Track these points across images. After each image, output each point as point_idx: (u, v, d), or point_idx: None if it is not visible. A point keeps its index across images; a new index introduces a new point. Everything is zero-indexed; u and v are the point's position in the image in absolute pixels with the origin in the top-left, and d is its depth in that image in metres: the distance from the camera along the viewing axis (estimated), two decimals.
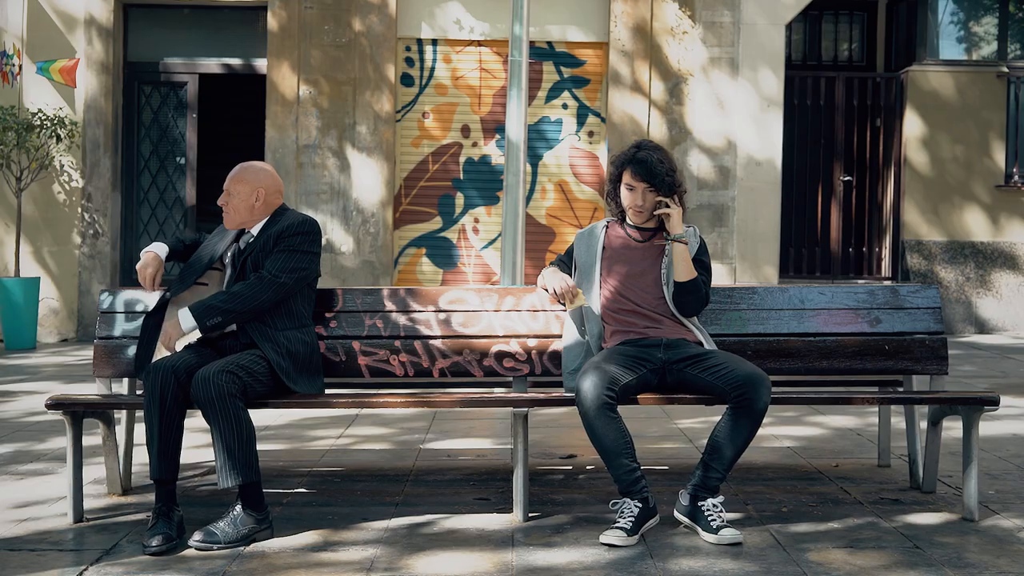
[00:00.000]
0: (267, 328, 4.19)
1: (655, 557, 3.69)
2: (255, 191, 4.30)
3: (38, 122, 10.17)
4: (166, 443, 3.94)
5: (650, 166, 4.27)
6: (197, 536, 3.78)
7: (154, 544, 3.75)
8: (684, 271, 4.26)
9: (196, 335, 4.22)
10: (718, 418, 4.08)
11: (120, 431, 4.60)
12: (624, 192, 4.36)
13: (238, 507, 3.88)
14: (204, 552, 3.74)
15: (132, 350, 4.51)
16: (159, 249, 4.38)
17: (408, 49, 11.12)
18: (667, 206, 4.28)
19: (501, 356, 4.54)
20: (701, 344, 4.28)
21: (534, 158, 11.06)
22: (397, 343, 4.54)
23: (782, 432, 5.98)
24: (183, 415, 4.00)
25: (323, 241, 10.71)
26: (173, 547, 3.78)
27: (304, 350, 4.27)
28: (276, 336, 4.19)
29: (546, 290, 4.52)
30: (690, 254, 4.29)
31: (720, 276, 10.81)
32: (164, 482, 3.95)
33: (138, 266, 4.36)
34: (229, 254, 4.36)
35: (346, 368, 4.52)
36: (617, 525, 3.87)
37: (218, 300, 4.14)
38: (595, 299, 4.37)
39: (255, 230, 4.33)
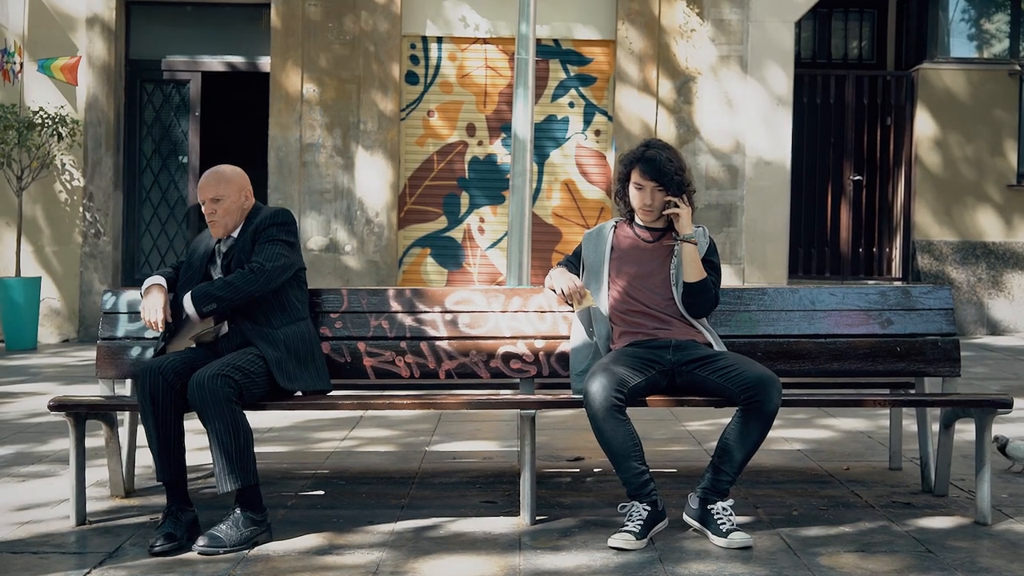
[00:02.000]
0: (262, 327, 4.19)
1: (664, 561, 3.69)
2: (242, 191, 4.31)
3: (39, 120, 10.19)
4: (166, 444, 3.95)
5: (659, 165, 4.27)
6: (201, 541, 3.79)
7: (157, 545, 3.76)
8: (693, 272, 4.26)
9: (192, 333, 4.24)
10: (727, 420, 4.08)
11: (123, 433, 4.61)
12: (633, 191, 4.36)
13: (238, 510, 3.88)
14: (210, 557, 3.73)
15: (135, 351, 4.52)
16: (160, 280, 4.26)
17: (413, 47, 11.13)
18: (676, 206, 4.28)
19: (508, 357, 4.54)
20: (710, 345, 4.28)
21: (540, 157, 11.06)
22: (403, 344, 4.55)
23: (792, 435, 5.97)
24: (180, 415, 4.00)
25: (326, 241, 10.75)
26: (178, 548, 3.79)
27: (303, 346, 4.26)
28: (274, 335, 4.18)
29: (553, 291, 4.52)
30: (699, 254, 4.29)
31: (728, 276, 10.80)
32: (171, 483, 3.97)
33: (148, 306, 4.17)
34: (218, 260, 4.31)
35: (351, 369, 4.53)
36: (625, 528, 3.87)
37: (214, 287, 4.14)
38: (603, 300, 4.37)
39: (236, 232, 4.32)
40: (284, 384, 4.14)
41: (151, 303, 4.18)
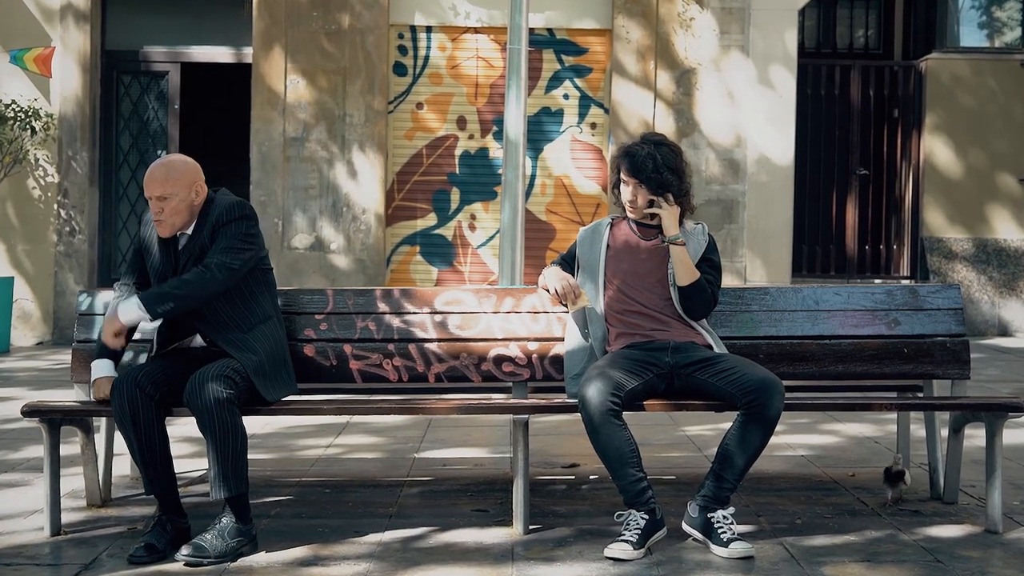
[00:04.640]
0: (233, 334, 4.10)
1: (662, 572, 3.70)
2: (192, 187, 4.09)
3: (11, 114, 10.15)
4: (152, 457, 3.96)
5: (637, 162, 4.26)
6: (185, 551, 3.77)
7: (135, 555, 3.78)
8: (684, 274, 4.25)
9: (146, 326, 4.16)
10: (728, 425, 4.08)
11: (99, 439, 4.60)
12: (622, 187, 4.36)
13: (225, 519, 3.88)
14: (194, 567, 3.73)
15: None
16: (108, 370, 4.11)
17: (401, 36, 11.12)
18: (660, 206, 4.26)
19: (500, 360, 4.54)
20: (710, 347, 4.28)
21: (534, 151, 11.06)
22: (390, 346, 4.55)
23: (796, 440, 5.98)
24: (162, 423, 4.00)
25: (311, 239, 10.74)
26: (158, 558, 3.79)
27: (277, 347, 4.22)
28: (247, 340, 4.11)
29: (547, 291, 4.53)
30: (694, 253, 4.28)
31: (729, 275, 10.81)
32: (160, 494, 3.98)
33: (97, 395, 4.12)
34: (177, 259, 4.15)
35: (337, 373, 4.53)
36: (622, 538, 3.87)
37: (170, 287, 4.01)
38: (599, 300, 4.37)
39: (190, 228, 4.15)
40: (268, 395, 4.12)
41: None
